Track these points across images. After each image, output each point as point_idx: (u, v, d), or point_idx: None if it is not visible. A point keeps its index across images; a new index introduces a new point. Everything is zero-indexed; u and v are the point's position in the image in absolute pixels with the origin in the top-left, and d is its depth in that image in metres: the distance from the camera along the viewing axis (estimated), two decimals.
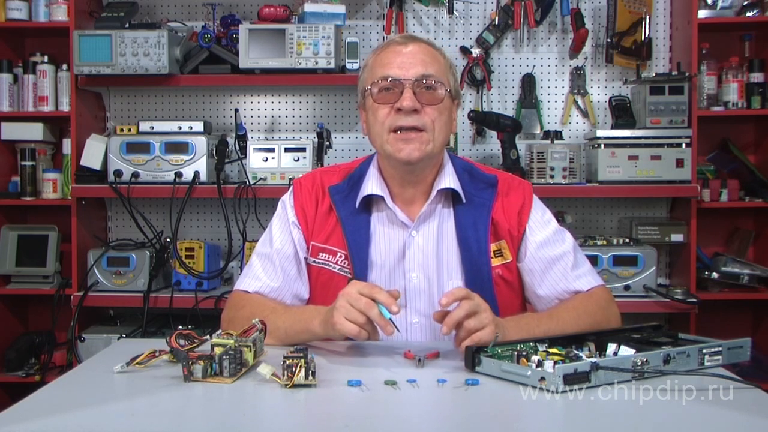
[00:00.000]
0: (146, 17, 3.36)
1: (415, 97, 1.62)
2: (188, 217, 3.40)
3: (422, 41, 1.71)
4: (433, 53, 1.69)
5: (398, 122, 1.63)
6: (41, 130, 3.29)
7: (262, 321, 1.47)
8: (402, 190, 1.73)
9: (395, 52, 1.67)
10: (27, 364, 3.23)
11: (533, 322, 1.59)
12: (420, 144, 1.63)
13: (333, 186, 1.76)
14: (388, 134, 1.64)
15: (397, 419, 1.18)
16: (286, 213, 1.78)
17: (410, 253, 1.71)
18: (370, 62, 1.72)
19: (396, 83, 1.63)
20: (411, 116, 1.62)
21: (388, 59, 1.67)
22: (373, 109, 1.67)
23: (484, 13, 3.38)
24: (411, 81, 1.63)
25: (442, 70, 1.68)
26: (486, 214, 1.71)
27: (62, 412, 1.18)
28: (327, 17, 3.11)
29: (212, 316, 2.97)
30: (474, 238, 1.69)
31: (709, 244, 3.30)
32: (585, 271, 1.75)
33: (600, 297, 1.72)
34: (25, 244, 3.27)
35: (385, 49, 1.70)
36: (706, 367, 1.41)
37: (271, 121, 3.46)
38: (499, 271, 1.71)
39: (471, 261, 1.69)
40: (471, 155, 3.37)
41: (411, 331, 1.71)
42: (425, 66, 1.65)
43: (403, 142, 1.63)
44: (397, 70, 1.64)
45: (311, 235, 1.74)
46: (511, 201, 1.74)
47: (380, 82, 1.65)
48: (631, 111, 3.20)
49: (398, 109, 1.63)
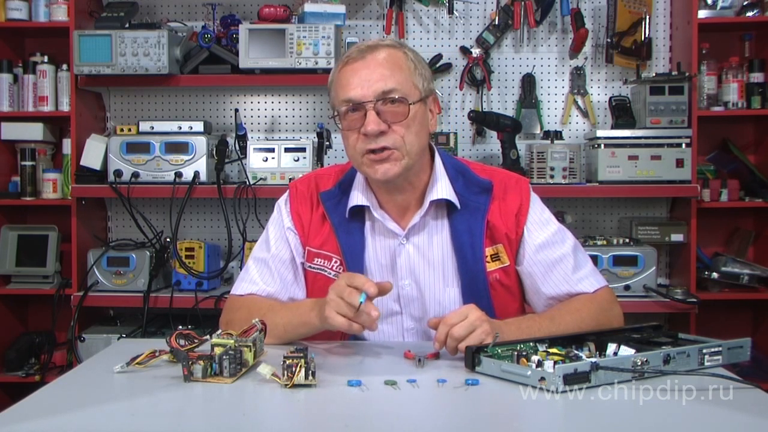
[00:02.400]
0: (146, 17, 3.36)
1: (379, 118, 1.57)
2: (188, 217, 3.40)
3: (380, 49, 1.63)
4: (394, 61, 1.61)
5: (368, 146, 1.59)
6: (41, 130, 3.29)
7: (262, 321, 1.47)
8: (390, 197, 1.70)
9: (352, 71, 1.61)
10: (27, 364, 3.23)
11: (534, 325, 1.57)
12: (393, 161, 1.60)
13: (325, 192, 1.74)
14: (361, 157, 1.61)
15: (397, 419, 1.18)
16: (282, 218, 1.77)
17: (401, 261, 1.69)
18: (333, 79, 1.67)
19: (358, 106, 1.59)
20: (379, 138, 1.58)
21: (347, 79, 1.61)
22: (344, 135, 1.64)
23: (484, 13, 3.38)
24: (372, 102, 1.58)
25: (405, 78, 1.61)
26: (481, 218, 1.68)
27: (62, 412, 1.18)
28: (327, 17, 3.11)
29: (212, 316, 2.97)
30: (469, 244, 1.67)
31: (709, 244, 3.30)
32: (587, 272, 1.72)
33: (602, 299, 1.70)
34: (25, 244, 3.27)
35: (344, 66, 1.64)
36: (706, 367, 1.41)
37: (271, 121, 3.46)
38: (496, 275, 1.68)
39: (466, 268, 1.67)
40: (471, 155, 3.37)
41: (407, 336, 1.71)
42: (384, 80, 1.58)
43: (377, 163, 1.60)
44: (358, 90, 1.58)
45: (307, 240, 1.73)
46: (508, 203, 1.70)
47: (342, 108, 1.61)
48: (631, 111, 3.20)
49: (365, 134, 1.59)
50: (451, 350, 1.45)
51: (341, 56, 3.08)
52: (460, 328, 1.43)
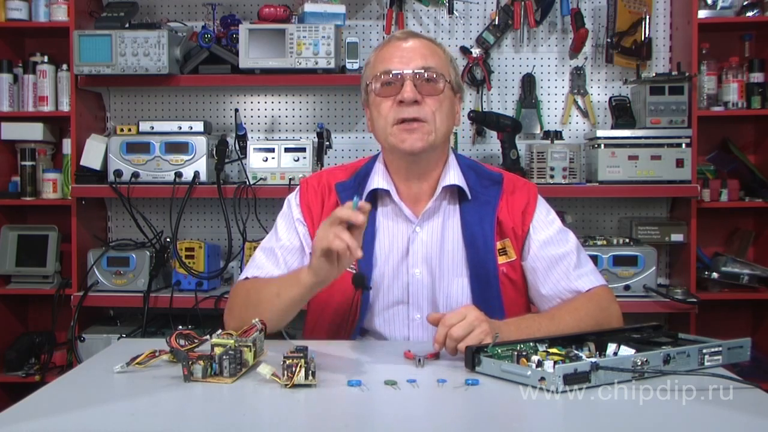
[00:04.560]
0: (146, 17, 3.37)
1: (415, 89, 1.65)
2: (188, 217, 3.40)
3: (422, 37, 1.75)
4: (432, 47, 1.73)
5: (400, 114, 1.66)
6: (41, 130, 3.29)
7: (262, 321, 1.47)
8: (407, 185, 1.75)
9: (395, 47, 1.71)
10: (27, 364, 3.23)
11: (534, 325, 1.58)
12: (422, 134, 1.66)
13: (339, 183, 1.79)
14: (391, 127, 1.68)
15: (397, 419, 1.18)
16: (291, 211, 1.80)
17: (414, 248, 1.73)
18: (372, 59, 1.76)
19: (397, 77, 1.67)
20: (412, 107, 1.65)
21: (389, 54, 1.71)
22: (375, 103, 1.71)
23: (484, 13, 3.38)
24: (411, 73, 1.66)
25: (442, 63, 1.72)
26: (492, 211, 1.72)
27: (62, 412, 1.18)
28: (327, 17, 3.11)
29: (212, 316, 2.97)
30: (480, 236, 1.71)
31: (709, 244, 3.30)
32: (587, 270, 1.75)
33: (601, 297, 1.72)
34: (25, 244, 3.27)
35: (386, 44, 1.74)
36: (706, 367, 1.41)
37: (271, 121, 3.46)
38: (504, 269, 1.72)
39: (477, 259, 1.70)
40: (471, 155, 3.37)
41: (413, 327, 1.73)
42: (425, 59, 1.69)
43: (406, 132, 1.66)
44: (398, 64, 1.68)
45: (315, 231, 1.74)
46: (516, 200, 1.76)
47: (381, 76, 1.69)
48: (631, 111, 3.20)
49: (400, 102, 1.66)
50: (450, 350, 1.45)
51: (341, 56, 3.12)
52: (458, 329, 1.43)
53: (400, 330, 1.73)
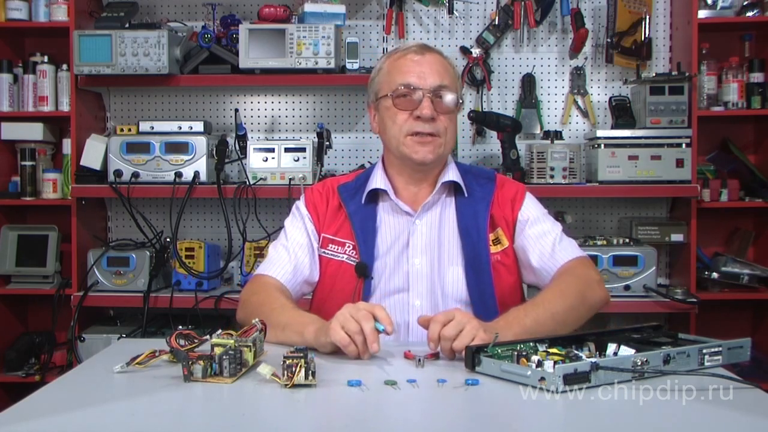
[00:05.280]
0: (146, 17, 3.37)
1: (432, 106, 1.78)
2: (188, 217, 3.40)
3: (436, 52, 1.87)
4: (446, 64, 1.86)
5: (416, 128, 1.79)
6: (41, 130, 3.29)
7: (262, 321, 1.47)
8: (407, 186, 1.89)
9: (414, 62, 1.82)
10: (27, 364, 3.23)
11: (520, 314, 1.63)
12: (434, 147, 1.80)
13: (342, 185, 1.93)
14: (405, 137, 1.81)
15: (397, 419, 1.18)
16: (299, 211, 1.94)
17: (414, 239, 1.84)
18: (387, 67, 1.87)
19: (415, 92, 1.79)
20: (428, 123, 1.79)
21: (408, 67, 1.82)
22: (391, 113, 1.83)
23: (484, 13, 3.38)
24: (429, 91, 1.79)
25: (453, 81, 1.85)
26: (485, 207, 1.86)
27: (62, 412, 1.18)
28: (327, 17, 3.11)
29: (212, 316, 2.97)
30: (474, 228, 1.83)
31: (709, 244, 3.30)
32: (568, 244, 1.87)
33: (579, 268, 1.81)
34: (25, 244, 3.27)
35: (403, 56, 1.85)
36: (706, 367, 1.41)
37: (271, 121, 3.46)
38: (497, 257, 1.84)
39: (471, 248, 1.82)
40: (471, 155, 3.38)
41: (412, 313, 1.80)
42: (441, 77, 1.81)
43: (419, 145, 1.80)
44: (416, 79, 1.80)
45: (322, 228, 1.89)
46: (506, 192, 1.90)
47: (400, 89, 1.80)
48: (631, 111, 3.20)
49: (417, 117, 1.78)
50: (445, 351, 1.47)
51: (341, 56, 3.12)
52: (449, 328, 1.46)
53: (401, 315, 1.81)
